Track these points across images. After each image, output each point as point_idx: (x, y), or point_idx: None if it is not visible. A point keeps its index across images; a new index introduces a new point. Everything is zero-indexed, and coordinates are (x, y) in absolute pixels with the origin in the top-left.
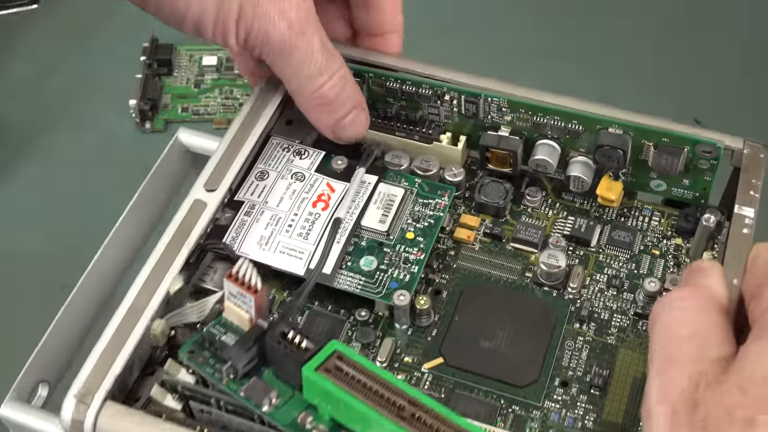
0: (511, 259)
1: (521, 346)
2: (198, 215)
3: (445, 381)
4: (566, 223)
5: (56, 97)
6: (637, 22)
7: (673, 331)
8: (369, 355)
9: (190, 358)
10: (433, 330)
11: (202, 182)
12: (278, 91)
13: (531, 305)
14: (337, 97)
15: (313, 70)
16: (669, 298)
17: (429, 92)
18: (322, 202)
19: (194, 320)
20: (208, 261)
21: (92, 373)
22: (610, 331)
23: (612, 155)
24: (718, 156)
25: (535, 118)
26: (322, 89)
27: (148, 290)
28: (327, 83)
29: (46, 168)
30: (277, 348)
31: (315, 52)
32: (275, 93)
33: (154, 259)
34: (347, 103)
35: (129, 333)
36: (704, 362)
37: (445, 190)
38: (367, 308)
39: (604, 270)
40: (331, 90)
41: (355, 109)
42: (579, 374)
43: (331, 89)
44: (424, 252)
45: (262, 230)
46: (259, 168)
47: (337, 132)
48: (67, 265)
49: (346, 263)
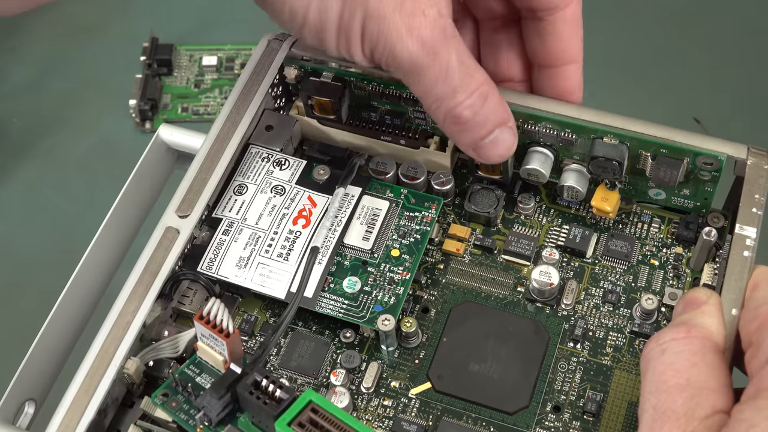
0: (503, 272)
1: (512, 370)
2: (170, 244)
3: (432, 407)
4: (560, 233)
5: (56, 98)
6: (638, 23)
7: (666, 380)
8: (354, 381)
9: (164, 403)
10: (421, 352)
11: (173, 207)
12: (257, 94)
13: (522, 324)
14: (474, 116)
15: (447, 91)
16: (662, 339)
17: (414, 97)
18: (303, 218)
19: (169, 356)
20: (187, 283)
21: (65, 420)
22: (605, 351)
23: (607, 167)
24: (720, 168)
25: (527, 126)
26: (456, 110)
27: (119, 329)
28: (463, 103)
29: (46, 168)
30: (250, 398)
31: (450, 71)
32: (254, 96)
33: (125, 294)
34: (488, 123)
35: (101, 376)
36: (696, 421)
37: (432, 202)
38: (352, 329)
39: (600, 283)
40: (468, 110)
41: (498, 128)
42: (572, 398)
43: (467, 109)
44: (410, 271)
45: (241, 251)
46: (237, 181)
47: (478, 152)
48: (66, 267)
49: (329, 285)
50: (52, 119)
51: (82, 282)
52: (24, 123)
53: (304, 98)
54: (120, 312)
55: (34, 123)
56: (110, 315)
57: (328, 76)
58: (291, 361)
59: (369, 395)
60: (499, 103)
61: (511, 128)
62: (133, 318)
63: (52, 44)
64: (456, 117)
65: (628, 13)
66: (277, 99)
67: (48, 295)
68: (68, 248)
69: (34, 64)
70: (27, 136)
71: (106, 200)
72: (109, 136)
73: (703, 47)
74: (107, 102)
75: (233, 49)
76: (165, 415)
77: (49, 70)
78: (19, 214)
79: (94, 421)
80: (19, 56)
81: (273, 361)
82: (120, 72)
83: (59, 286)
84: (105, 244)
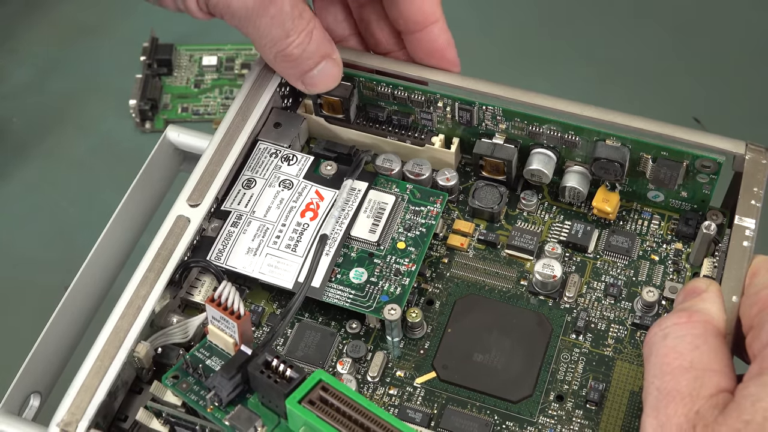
0: (506, 266)
1: (515, 359)
2: (181, 232)
3: (437, 396)
4: (563, 228)
5: (56, 98)
6: (638, 22)
7: (669, 363)
8: (360, 370)
9: (174, 385)
10: (426, 342)
11: (185, 197)
12: (266, 92)
13: (526, 316)
14: (302, 53)
15: (280, 34)
16: (664, 324)
17: (421, 98)
18: (311, 211)
19: (179, 341)
20: (195, 273)
21: (75, 401)
22: (607, 342)
23: (609, 168)
24: (718, 171)
25: (531, 128)
26: (287, 50)
27: (130, 313)
28: (293, 42)
29: (46, 168)
30: (261, 377)
31: (284, 16)
32: (263, 94)
33: (137, 280)
34: (315, 56)
35: (112, 359)
36: (701, 399)
37: (437, 197)
38: (358, 320)
39: (602, 277)
40: (297, 48)
41: (323, 60)
42: (575, 388)
43: (297, 47)
44: (416, 263)
45: (250, 242)
46: (246, 175)
47: (306, 84)
48: (66, 267)
49: (336, 276)
50: (52, 119)
51: (88, 279)
52: (24, 123)
53: (314, 97)
54: (131, 297)
55: (34, 123)
56: (121, 299)
57: None
58: (297, 350)
59: (375, 384)
60: (323, 38)
61: (335, 60)
62: (144, 303)
63: (52, 44)
64: (286, 55)
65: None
66: (285, 98)
67: (48, 294)
68: (68, 248)
69: (34, 65)
70: (27, 136)
71: (106, 200)
72: (109, 136)
73: (703, 47)
74: (107, 102)
75: (233, 49)
76: (175, 399)
77: (49, 70)
78: (19, 214)
79: (104, 403)
80: (19, 56)
81: (280, 351)
82: (120, 72)
83: (59, 286)
84: (111, 242)
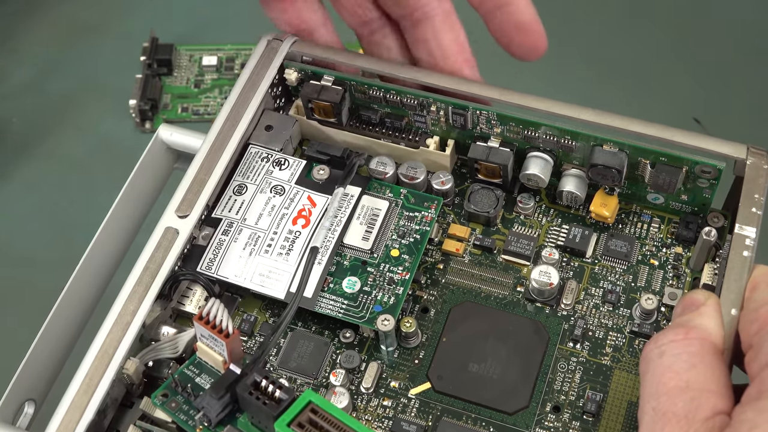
0: (502, 272)
1: (511, 369)
2: (169, 245)
3: (432, 407)
4: (560, 232)
5: (56, 98)
6: (636, 22)
7: (665, 383)
8: (354, 381)
9: (163, 404)
10: (421, 352)
11: (173, 207)
12: (257, 94)
13: (522, 324)
14: None
15: None
16: (661, 341)
17: (414, 102)
18: (303, 218)
19: (169, 356)
20: (186, 283)
21: (64, 421)
22: (605, 351)
23: (606, 174)
24: (718, 177)
25: (527, 132)
26: None
27: (119, 329)
28: None
29: (46, 168)
30: (249, 399)
31: None
32: (254, 97)
33: (125, 294)
34: None
35: (101, 377)
36: (697, 423)
37: (432, 202)
38: (352, 329)
39: (600, 283)
40: None
41: None
42: (572, 398)
43: None
44: (410, 271)
45: (241, 250)
46: (237, 181)
47: None
48: (66, 267)
49: (328, 285)
50: (52, 119)
51: (81, 282)
52: (24, 123)
53: (305, 101)
54: (120, 312)
55: (34, 123)
56: (110, 315)
57: (329, 79)
58: (290, 361)
59: (369, 395)
60: None
61: None
62: (133, 318)
63: (52, 44)
64: None
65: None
66: (277, 99)
67: (47, 295)
68: (68, 248)
69: (34, 65)
70: (27, 136)
71: (106, 200)
72: (109, 136)
73: (703, 47)
74: (107, 102)
75: (233, 49)
76: (164, 416)
77: (49, 70)
78: (19, 214)
79: (94, 422)
80: (19, 56)
81: (273, 362)
82: (120, 72)
83: (59, 286)
84: (105, 244)
